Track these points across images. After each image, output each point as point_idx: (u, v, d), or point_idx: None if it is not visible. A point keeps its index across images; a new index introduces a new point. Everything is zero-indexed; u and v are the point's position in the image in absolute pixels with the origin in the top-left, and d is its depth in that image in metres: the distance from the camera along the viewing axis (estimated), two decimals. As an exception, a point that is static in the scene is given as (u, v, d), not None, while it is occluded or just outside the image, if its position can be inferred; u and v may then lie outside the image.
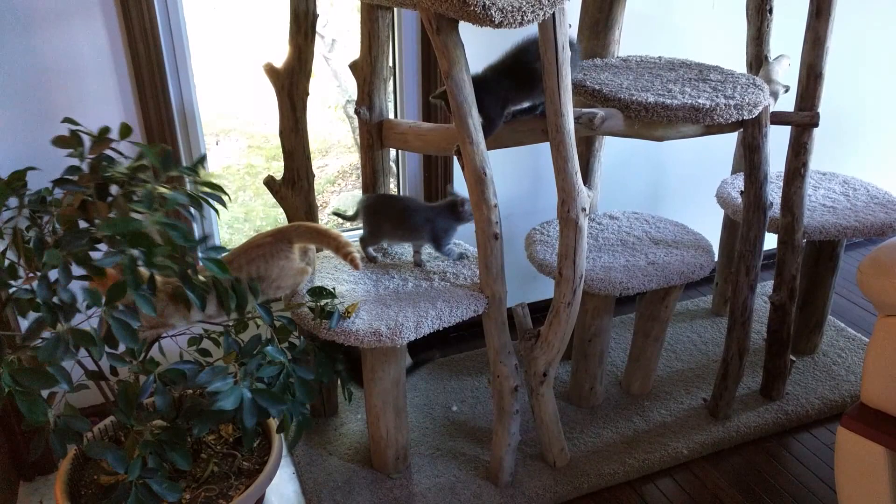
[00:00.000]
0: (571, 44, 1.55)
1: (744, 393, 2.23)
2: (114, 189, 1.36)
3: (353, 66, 1.80)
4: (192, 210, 1.36)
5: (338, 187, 3.63)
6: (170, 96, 1.82)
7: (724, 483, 1.95)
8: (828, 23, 1.84)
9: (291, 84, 1.75)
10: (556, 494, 1.87)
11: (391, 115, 1.89)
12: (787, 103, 2.06)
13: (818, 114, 1.93)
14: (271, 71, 1.75)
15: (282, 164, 1.85)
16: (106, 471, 1.71)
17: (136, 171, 1.37)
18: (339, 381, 1.98)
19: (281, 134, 1.82)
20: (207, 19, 3.11)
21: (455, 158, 1.58)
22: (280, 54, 1.76)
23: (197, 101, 1.91)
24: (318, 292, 1.66)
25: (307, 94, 1.78)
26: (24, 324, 1.73)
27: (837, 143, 2.89)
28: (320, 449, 2.02)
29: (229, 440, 1.80)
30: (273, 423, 1.74)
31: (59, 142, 1.40)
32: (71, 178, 1.37)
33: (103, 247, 1.29)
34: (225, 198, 1.41)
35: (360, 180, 1.94)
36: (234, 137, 3.60)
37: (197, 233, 2.03)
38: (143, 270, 1.27)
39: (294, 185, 1.86)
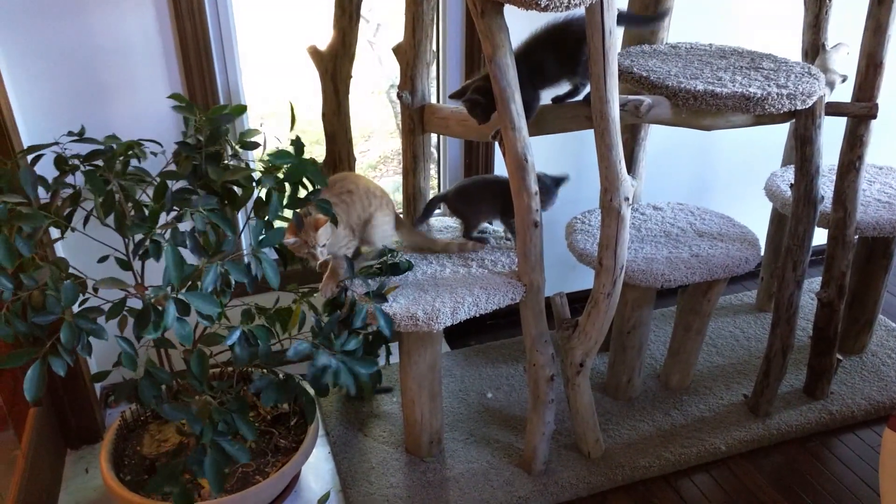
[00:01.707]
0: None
1: (786, 391, 2.18)
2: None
3: (397, 50, 1.79)
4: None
5: (379, 172, 3.65)
6: (216, 78, 1.85)
7: (763, 481, 1.91)
8: (890, 10, 1.77)
9: (335, 67, 1.75)
10: (589, 485, 1.86)
11: (433, 100, 1.88)
12: (844, 94, 1.98)
13: (877, 105, 1.85)
14: (315, 54, 1.76)
15: (324, 148, 1.87)
16: (153, 440, 1.76)
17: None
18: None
19: (323, 117, 1.83)
20: (252, 2, 3.13)
21: (496, 144, 1.56)
22: (324, 37, 1.77)
23: (242, 84, 1.93)
24: (382, 253, 1.72)
25: (350, 77, 1.79)
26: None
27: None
28: (356, 430, 2.04)
29: (267, 417, 1.83)
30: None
31: (179, 107, 1.55)
32: (189, 142, 1.55)
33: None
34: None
35: (401, 165, 1.94)
36: (277, 120, 3.63)
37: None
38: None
39: (335, 169, 1.87)
